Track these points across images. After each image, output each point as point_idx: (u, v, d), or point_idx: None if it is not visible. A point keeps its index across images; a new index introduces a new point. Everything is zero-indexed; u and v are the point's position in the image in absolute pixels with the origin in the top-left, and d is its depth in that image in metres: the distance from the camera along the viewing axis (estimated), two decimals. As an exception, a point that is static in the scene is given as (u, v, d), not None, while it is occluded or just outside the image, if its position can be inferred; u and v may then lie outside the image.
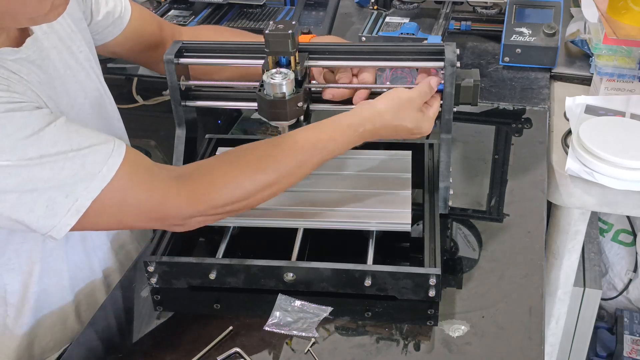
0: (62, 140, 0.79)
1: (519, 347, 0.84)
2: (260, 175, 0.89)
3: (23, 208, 0.78)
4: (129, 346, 0.90)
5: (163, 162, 1.64)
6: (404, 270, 0.89)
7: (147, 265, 0.93)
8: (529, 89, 1.39)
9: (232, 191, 0.88)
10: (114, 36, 1.08)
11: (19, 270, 0.97)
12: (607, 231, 1.83)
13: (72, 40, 0.98)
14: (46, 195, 0.78)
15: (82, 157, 0.80)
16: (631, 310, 1.84)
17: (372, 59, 0.97)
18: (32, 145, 0.77)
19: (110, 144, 0.83)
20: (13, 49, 0.85)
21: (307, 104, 0.96)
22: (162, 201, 0.85)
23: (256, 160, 0.91)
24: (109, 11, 1.06)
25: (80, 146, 0.80)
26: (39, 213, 0.79)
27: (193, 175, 0.89)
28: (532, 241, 1.01)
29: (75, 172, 0.79)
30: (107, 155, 0.82)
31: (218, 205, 0.87)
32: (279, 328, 0.88)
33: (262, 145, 0.92)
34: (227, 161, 0.91)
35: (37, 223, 0.80)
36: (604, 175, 1.10)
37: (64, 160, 0.79)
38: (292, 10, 1.65)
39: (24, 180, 0.77)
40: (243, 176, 0.89)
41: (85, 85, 0.99)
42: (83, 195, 0.80)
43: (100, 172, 0.81)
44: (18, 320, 1.00)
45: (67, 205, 0.79)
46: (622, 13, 1.26)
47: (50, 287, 1.01)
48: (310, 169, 0.92)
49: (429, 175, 1.07)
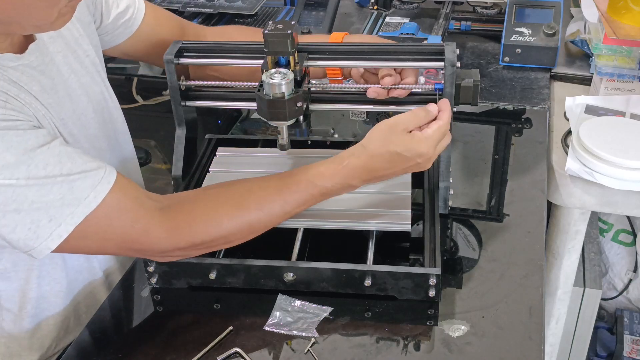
0: (53, 164, 0.79)
1: (519, 347, 0.84)
2: (242, 214, 0.89)
3: (6, 228, 0.78)
4: (129, 346, 0.90)
5: (163, 163, 1.64)
6: (404, 270, 0.89)
7: (147, 265, 0.93)
8: (529, 89, 1.39)
9: (211, 230, 0.88)
10: (125, 37, 1.08)
11: (16, 278, 0.96)
12: (607, 231, 1.83)
13: (79, 44, 0.98)
14: (30, 217, 0.78)
15: (71, 182, 0.79)
16: (631, 310, 1.84)
17: (372, 59, 0.97)
18: (22, 166, 0.77)
19: (101, 171, 0.83)
20: (15, 55, 0.85)
21: (306, 104, 0.96)
22: (144, 233, 0.85)
23: (239, 198, 0.91)
24: (120, 12, 1.05)
25: (71, 171, 0.80)
26: (20, 234, 0.79)
27: (176, 210, 0.88)
28: (532, 241, 1.01)
29: (62, 196, 0.79)
30: (96, 182, 0.81)
31: (196, 243, 0.88)
32: (279, 328, 0.88)
33: (247, 183, 0.93)
34: (212, 196, 0.91)
35: (17, 242, 0.80)
36: (604, 175, 1.10)
37: (52, 184, 0.78)
38: (292, 10, 1.65)
39: (9, 199, 0.76)
40: (224, 215, 0.89)
41: (89, 88, 0.99)
42: (67, 221, 0.79)
43: (87, 198, 0.80)
44: (16, 324, 1.00)
45: (50, 229, 0.79)
46: (622, 13, 1.26)
47: (48, 293, 1.00)
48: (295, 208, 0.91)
49: (429, 175, 1.07)
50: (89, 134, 0.98)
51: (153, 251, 0.88)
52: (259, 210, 0.89)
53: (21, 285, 0.97)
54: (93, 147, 0.99)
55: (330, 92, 1.04)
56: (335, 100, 1.03)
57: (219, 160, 1.12)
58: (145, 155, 1.70)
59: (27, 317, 1.00)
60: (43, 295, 1.00)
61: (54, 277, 1.00)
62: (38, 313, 1.01)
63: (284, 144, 0.97)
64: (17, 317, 0.99)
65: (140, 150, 1.53)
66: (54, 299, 1.01)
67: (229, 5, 1.64)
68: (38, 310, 1.00)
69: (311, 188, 0.90)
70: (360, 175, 0.90)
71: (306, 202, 0.91)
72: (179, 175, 1.05)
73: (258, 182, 0.92)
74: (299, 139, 1.15)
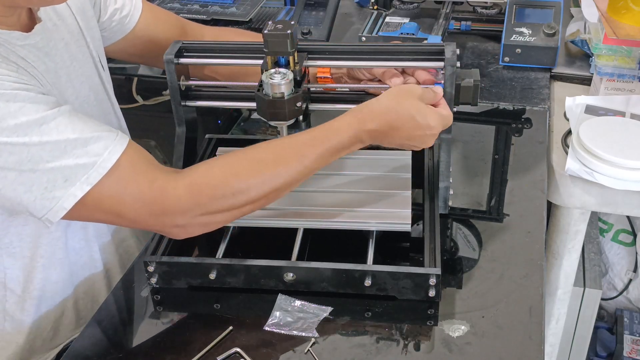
0: (64, 125, 0.80)
1: (519, 347, 0.84)
2: (260, 166, 0.87)
3: (22, 187, 0.79)
4: (129, 346, 0.90)
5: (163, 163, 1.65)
6: (404, 270, 0.89)
7: (147, 265, 0.93)
8: (529, 89, 1.39)
9: (231, 180, 0.86)
10: (122, 35, 1.09)
11: (20, 255, 0.97)
12: (607, 231, 1.83)
13: (82, 35, 0.99)
14: (45, 177, 0.79)
15: (84, 144, 0.80)
16: (631, 310, 1.84)
17: (372, 59, 0.97)
18: (35, 127, 0.78)
19: (114, 134, 0.83)
20: (22, 34, 0.87)
21: (306, 103, 0.96)
22: (161, 192, 0.84)
23: (255, 152, 0.90)
24: (117, 9, 1.06)
25: (83, 133, 0.81)
26: (36, 193, 0.79)
27: (192, 169, 0.88)
28: (532, 241, 1.01)
29: (75, 157, 0.79)
30: (109, 144, 0.82)
31: (217, 195, 0.85)
32: (279, 328, 0.88)
33: (263, 143, 0.92)
34: (228, 155, 0.90)
35: (34, 204, 0.80)
36: (604, 175, 1.10)
37: (65, 144, 0.79)
38: (292, 10, 1.65)
39: (24, 159, 0.78)
40: (242, 167, 0.87)
41: (90, 79, 1.00)
42: (82, 181, 0.80)
43: (101, 160, 0.81)
44: (19, 306, 1.00)
45: (65, 189, 0.80)
46: (622, 13, 1.26)
47: (52, 276, 1.01)
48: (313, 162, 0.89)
49: (429, 175, 1.07)
50: None
51: (174, 213, 0.85)
52: (277, 162, 0.88)
53: (25, 264, 0.98)
54: None
55: (330, 92, 1.04)
56: (335, 100, 1.03)
57: (219, 160, 1.11)
58: (146, 155, 1.70)
59: (30, 299, 1.00)
60: (46, 279, 1.00)
61: (57, 256, 1.00)
62: (40, 297, 1.01)
63: (284, 144, 0.97)
64: (20, 300, 1.00)
65: (140, 151, 1.53)
66: (58, 282, 1.02)
67: (223, 11, 1.64)
68: (41, 293, 1.01)
69: (327, 142, 0.88)
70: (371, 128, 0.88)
71: (323, 156, 0.89)
72: (179, 175, 1.04)
73: (274, 140, 0.91)
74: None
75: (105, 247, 1.08)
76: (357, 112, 0.89)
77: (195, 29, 1.19)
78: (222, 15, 1.63)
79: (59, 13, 0.96)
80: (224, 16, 1.63)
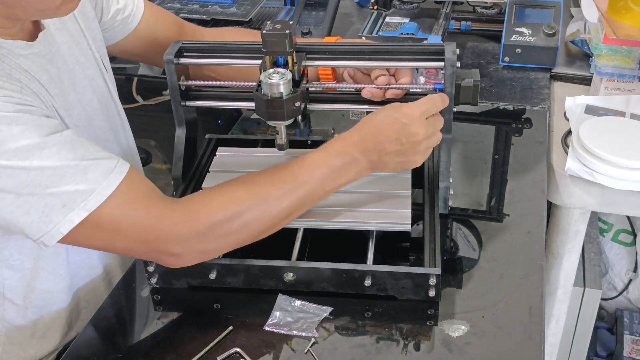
0: (66, 150, 0.79)
1: (519, 347, 0.84)
2: (256, 190, 0.88)
3: (19, 210, 0.78)
4: (129, 346, 0.90)
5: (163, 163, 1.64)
6: (404, 270, 0.89)
7: (147, 265, 0.93)
8: (529, 89, 1.39)
9: (229, 205, 0.86)
10: (124, 35, 1.09)
11: (20, 267, 0.97)
12: (607, 231, 1.83)
13: (84, 38, 0.99)
14: (43, 201, 0.78)
15: (84, 169, 0.80)
16: (631, 310, 1.84)
17: (372, 59, 0.97)
18: (36, 150, 0.77)
19: (114, 161, 0.83)
20: (26, 43, 0.86)
21: (304, 103, 0.96)
22: (158, 219, 0.84)
23: (252, 178, 0.91)
24: (119, 9, 1.06)
25: (84, 158, 0.80)
26: (34, 217, 0.79)
27: (190, 197, 0.90)
28: (532, 241, 1.01)
29: (75, 183, 0.79)
30: (109, 170, 0.82)
31: (214, 222, 0.85)
32: (279, 328, 0.88)
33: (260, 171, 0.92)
34: (225, 183, 0.91)
35: (30, 227, 0.80)
36: (604, 175, 1.10)
37: (65, 169, 0.79)
38: (292, 10, 1.65)
39: (23, 183, 0.77)
40: (238, 190, 0.88)
41: (94, 81, 1.00)
42: (80, 207, 0.80)
43: (101, 186, 0.80)
44: (19, 315, 1.00)
45: (63, 214, 0.79)
46: (622, 13, 1.27)
47: (52, 286, 1.00)
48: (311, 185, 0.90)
49: (429, 175, 1.07)
50: (94, 125, 0.99)
51: (169, 239, 0.84)
52: (270, 183, 0.88)
53: (25, 276, 0.98)
54: (99, 138, 0.99)
55: (329, 92, 1.04)
56: (335, 100, 1.03)
57: (219, 160, 1.11)
58: (146, 156, 1.70)
59: (31, 308, 1.00)
60: (46, 289, 1.00)
61: (57, 270, 1.00)
62: (41, 306, 1.01)
63: (282, 143, 0.97)
64: (20, 309, 1.00)
65: (141, 151, 1.52)
66: (57, 294, 1.02)
67: (223, 11, 1.64)
68: (41, 303, 1.01)
69: (317, 162, 0.90)
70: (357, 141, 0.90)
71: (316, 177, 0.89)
72: (179, 175, 1.05)
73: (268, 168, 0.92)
74: (299, 139, 1.15)
75: (106, 253, 1.08)
76: (342, 134, 0.92)
77: (195, 29, 1.19)
78: (222, 15, 1.63)
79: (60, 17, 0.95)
80: (224, 16, 1.63)
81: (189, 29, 1.18)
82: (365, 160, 0.90)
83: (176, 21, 1.16)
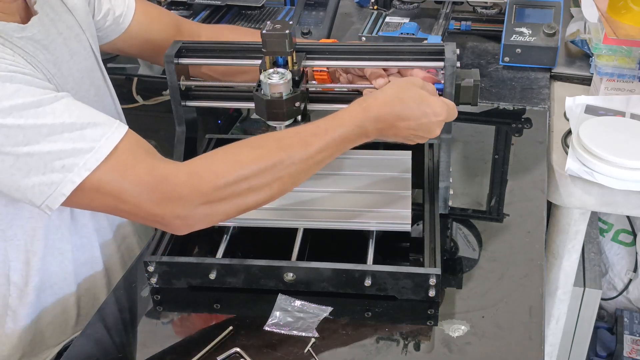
0: (60, 110, 0.79)
1: (519, 347, 0.84)
2: (262, 153, 0.84)
3: (19, 172, 0.78)
4: (129, 346, 0.90)
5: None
6: (404, 270, 0.89)
7: (147, 265, 0.93)
8: (529, 89, 1.39)
9: (232, 168, 0.83)
10: (117, 35, 1.09)
11: (24, 248, 0.97)
12: (607, 231, 1.83)
13: (81, 30, 0.99)
14: (43, 161, 0.78)
15: (81, 129, 0.79)
16: (631, 310, 1.84)
17: (372, 59, 0.97)
18: (31, 109, 0.77)
19: (112, 122, 0.82)
20: (19, 25, 0.86)
21: (304, 103, 0.96)
22: (162, 179, 0.81)
23: (258, 140, 0.87)
24: (110, 9, 1.06)
25: (81, 119, 0.80)
26: (35, 179, 0.79)
27: (194, 159, 0.86)
28: (532, 241, 1.01)
29: (73, 143, 0.79)
30: (107, 131, 0.81)
31: (219, 184, 0.82)
32: (279, 328, 0.88)
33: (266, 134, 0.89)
34: (229, 145, 0.88)
35: (32, 190, 0.79)
36: (604, 175, 1.10)
37: (61, 129, 0.78)
38: (292, 10, 1.65)
39: (21, 141, 0.77)
40: (244, 154, 0.85)
41: (90, 74, 1.00)
42: (80, 166, 0.79)
43: (99, 145, 0.80)
44: (22, 300, 1.00)
45: (63, 175, 0.79)
46: (622, 13, 1.27)
47: (53, 267, 1.01)
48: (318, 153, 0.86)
49: (429, 175, 1.07)
50: None
51: (173, 199, 0.81)
52: (280, 149, 0.84)
53: (28, 256, 0.98)
54: None
55: (329, 92, 1.04)
56: (335, 100, 1.03)
57: (219, 160, 1.11)
58: (146, 155, 1.69)
59: (32, 291, 1.00)
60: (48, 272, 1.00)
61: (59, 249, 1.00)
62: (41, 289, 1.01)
63: (283, 143, 0.97)
64: (22, 293, 1.00)
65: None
66: (59, 277, 1.02)
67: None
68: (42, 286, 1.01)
69: (332, 131, 0.86)
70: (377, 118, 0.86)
71: (328, 146, 0.86)
72: (179, 175, 1.04)
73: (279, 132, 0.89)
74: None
75: (106, 245, 1.08)
76: (362, 102, 0.88)
77: (192, 27, 1.19)
78: (235, 1, 1.64)
79: (54, 9, 0.95)
80: (237, 1, 1.64)
81: (186, 27, 1.17)
82: (375, 134, 0.88)
83: (171, 20, 1.16)
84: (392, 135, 0.89)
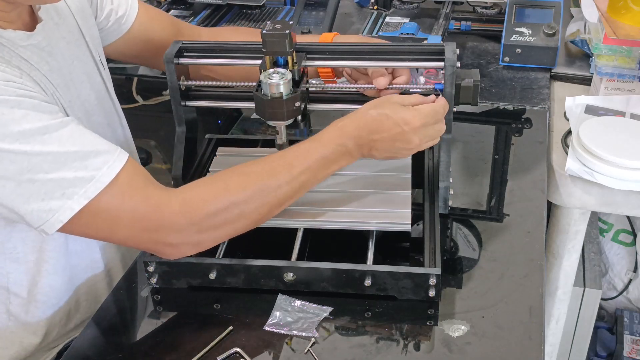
0: (66, 137, 0.80)
1: (519, 347, 0.84)
2: (249, 179, 0.89)
3: (20, 198, 0.79)
4: (129, 346, 0.90)
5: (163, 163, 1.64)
6: (404, 270, 0.89)
7: (147, 265, 0.93)
8: (529, 89, 1.39)
9: (222, 196, 0.87)
10: (118, 35, 1.09)
11: (24, 260, 0.97)
12: (607, 231, 1.83)
13: (81, 34, 1.00)
14: (44, 188, 0.79)
15: (84, 158, 0.81)
16: (631, 310, 1.84)
17: (372, 59, 0.97)
18: (37, 135, 0.78)
19: (113, 151, 0.84)
20: (25, 33, 0.87)
21: (304, 103, 0.96)
22: (156, 209, 0.85)
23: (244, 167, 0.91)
24: (112, 9, 1.06)
25: (84, 147, 0.81)
26: (34, 205, 0.80)
27: (186, 187, 0.90)
28: (532, 241, 1.01)
29: (75, 170, 0.80)
30: (109, 159, 0.83)
31: (210, 212, 0.86)
32: (279, 328, 0.88)
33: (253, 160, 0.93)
34: (218, 173, 0.92)
35: (30, 215, 0.80)
36: (604, 175, 1.10)
37: (65, 157, 0.80)
38: (292, 10, 1.65)
39: (24, 168, 0.78)
40: (232, 180, 0.89)
41: (91, 77, 1.01)
42: (80, 194, 0.80)
43: (100, 175, 0.81)
44: (24, 309, 1.00)
45: (62, 202, 0.80)
46: (622, 13, 1.27)
47: (56, 279, 1.01)
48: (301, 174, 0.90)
49: (429, 175, 1.07)
50: (92, 121, 1.00)
51: (166, 228, 0.85)
52: (266, 173, 0.89)
53: (29, 268, 0.98)
54: (97, 134, 0.99)
55: (329, 92, 1.04)
56: (335, 100, 1.03)
57: (219, 160, 1.12)
58: (146, 156, 1.70)
59: (35, 302, 1.00)
60: (50, 283, 1.00)
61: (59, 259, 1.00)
62: (46, 301, 1.01)
63: (282, 143, 0.98)
64: (25, 302, 1.00)
65: (141, 151, 1.53)
66: (60, 285, 1.02)
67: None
68: (46, 298, 1.01)
69: (314, 152, 0.90)
70: (353, 135, 0.90)
71: (311, 168, 0.90)
72: (179, 175, 1.05)
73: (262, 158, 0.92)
74: (299, 139, 1.14)
75: (106, 247, 1.08)
76: (338, 122, 0.92)
77: (191, 28, 1.19)
78: (236, 0, 1.64)
79: (59, 11, 0.96)
80: (238, 1, 1.64)
81: (186, 29, 1.18)
82: (357, 151, 0.92)
83: (172, 22, 1.16)
84: (375, 151, 0.92)
